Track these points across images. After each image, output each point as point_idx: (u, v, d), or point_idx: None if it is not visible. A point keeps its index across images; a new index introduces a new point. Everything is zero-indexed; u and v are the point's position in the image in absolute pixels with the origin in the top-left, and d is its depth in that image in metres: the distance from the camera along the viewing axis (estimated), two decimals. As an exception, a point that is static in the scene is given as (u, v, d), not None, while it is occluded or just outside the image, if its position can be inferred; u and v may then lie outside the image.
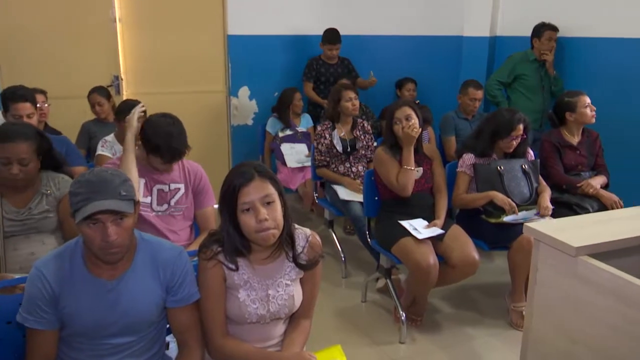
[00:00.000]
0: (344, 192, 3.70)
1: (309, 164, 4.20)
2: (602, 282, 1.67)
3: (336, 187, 3.77)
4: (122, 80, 4.66)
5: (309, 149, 4.44)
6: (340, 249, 3.80)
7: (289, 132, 4.63)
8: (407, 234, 2.90)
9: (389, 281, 3.17)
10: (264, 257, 1.79)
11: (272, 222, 1.68)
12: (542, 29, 4.38)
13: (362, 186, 3.42)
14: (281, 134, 4.62)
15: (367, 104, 4.91)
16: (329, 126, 3.85)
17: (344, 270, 3.76)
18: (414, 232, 2.89)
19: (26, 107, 3.04)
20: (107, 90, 4.08)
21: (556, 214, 3.04)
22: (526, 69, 4.46)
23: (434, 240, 2.92)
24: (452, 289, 3.42)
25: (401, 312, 3.00)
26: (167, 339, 1.94)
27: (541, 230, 1.90)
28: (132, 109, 3.16)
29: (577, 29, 4.44)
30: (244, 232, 1.71)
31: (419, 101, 4.90)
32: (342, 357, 1.83)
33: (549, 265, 1.88)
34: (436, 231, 2.92)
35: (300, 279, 1.86)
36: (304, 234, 1.87)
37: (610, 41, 4.24)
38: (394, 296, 3.10)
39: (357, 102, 3.84)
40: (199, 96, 4.94)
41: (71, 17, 4.41)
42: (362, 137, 3.88)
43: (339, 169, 3.84)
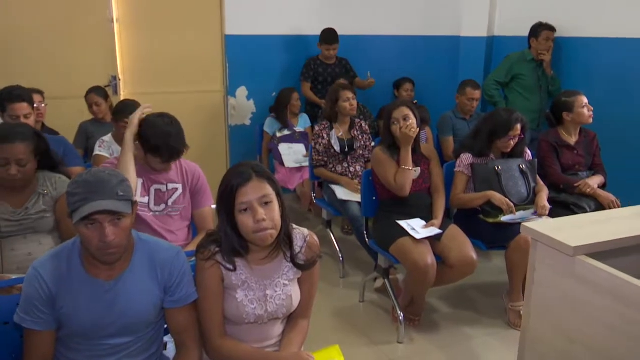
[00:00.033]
0: (342, 192, 3.70)
1: (307, 164, 4.20)
2: (600, 282, 1.67)
3: (334, 187, 3.77)
4: (119, 80, 4.66)
5: (307, 149, 4.44)
6: (338, 249, 3.80)
7: (286, 132, 4.63)
8: (405, 233, 2.90)
9: (387, 281, 3.17)
10: (261, 257, 1.79)
11: (270, 223, 1.68)
12: (539, 29, 4.39)
13: (360, 186, 3.42)
14: (279, 134, 4.62)
15: (365, 104, 4.91)
16: (326, 126, 3.85)
17: (342, 270, 3.76)
18: (411, 232, 2.89)
19: (23, 107, 3.03)
20: (104, 90, 4.07)
21: (554, 214, 3.05)
22: (524, 68, 4.47)
23: (432, 240, 2.92)
24: (450, 288, 3.42)
25: (399, 312, 3.00)
26: (165, 340, 1.95)
27: (539, 230, 1.90)
28: (129, 109, 3.17)
29: (575, 29, 4.45)
30: (242, 233, 1.71)
31: (416, 101, 4.90)
32: (340, 357, 1.83)
33: (546, 265, 1.89)
34: (434, 231, 2.92)
35: (298, 279, 1.86)
36: (301, 234, 1.86)
37: (607, 41, 4.24)
38: (392, 296, 3.10)
39: (354, 102, 3.84)
40: (197, 96, 4.94)
41: (68, 17, 4.41)
42: (360, 137, 3.88)
43: (337, 169, 3.83)
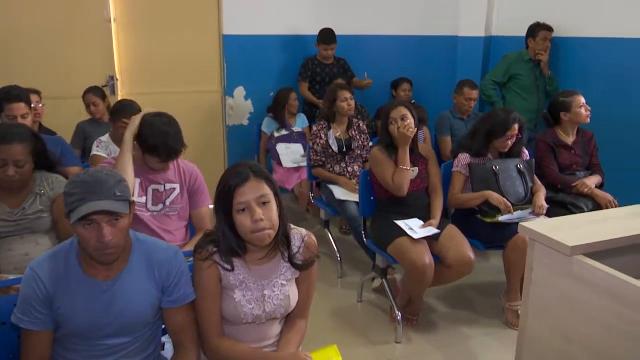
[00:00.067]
0: (339, 192, 3.70)
1: (305, 164, 4.20)
2: (597, 282, 1.67)
3: (332, 187, 3.77)
4: (117, 80, 4.65)
5: (305, 149, 4.44)
6: (336, 249, 3.80)
7: (284, 132, 4.63)
8: (403, 233, 2.90)
9: (384, 281, 3.17)
10: (259, 257, 1.79)
11: (268, 223, 1.68)
12: (537, 29, 4.39)
13: (358, 186, 3.42)
14: (277, 134, 4.61)
15: (363, 104, 4.91)
16: (324, 126, 3.85)
17: (340, 270, 3.76)
18: (409, 232, 2.89)
19: (21, 107, 3.02)
20: (102, 90, 4.06)
21: (551, 214, 3.05)
22: (521, 69, 4.47)
23: (430, 240, 2.92)
24: (447, 288, 3.43)
25: (397, 312, 3.00)
26: (163, 340, 1.94)
27: (536, 229, 1.90)
28: (127, 109, 3.18)
29: (572, 29, 4.46)
30: (240, 233, 1.71)
31: (414, 101, 4.91)
32: (338, 357, 1.83)
33: (544, 264, 1.89)
34: (432, 231, 2.92)
35: (296, 279, 1.86)
36: (299, 234, 1.86)
37: (605, 41, 4.25)
38: (390, 296, 3.10)
39: (352, 102, 3.84)
40: (195, 96, 4.93)
41: (66, 17, 4.40)
42: (358, 137, 3.88)
43: (335, 169, 3.83)
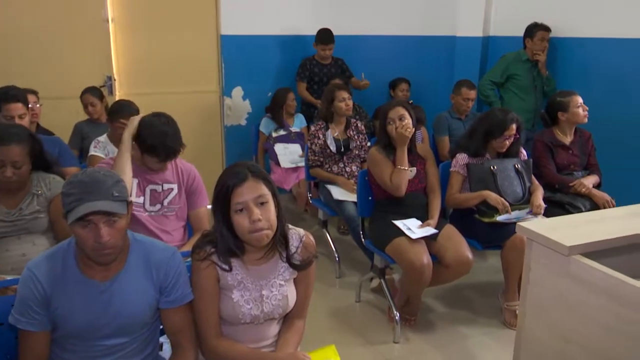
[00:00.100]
0: (337, 192, 3.70)
1: (303, 164, 4.19)
2: (595, 281, 1.68)
3: (330, 187, 3.77)
4: (114, 80, 4.64)
5: (303, 149, 4.44)
6: (334, 249, 3.80)
7: (282, 132, 4.63)
8: (401, 233, 2.90)
9: (382, 281, 3.17)
10: (257, 257, 1.79)
11: (266, 223, 1.68)
12: (534, 29, 4.40)
13: (356, 186, 3.42)
14: (275, 134, 4.61)
15: (361, 104, 4.91)
16: (322, 126, 3.85)
17: (338, 270, 3.76)
18: (407, 232, 2.89)
19: (18, 107, 3.02)
20: (99, 90, 4.06)
21: (549, 213, 3.05)
22: (519, 69, 4.47)
23: (428, 239, 2.92)
24: (445, 288, 3.43)
25: (395, 312, 3.00)
26: (161, 340, 1.94)
27: (534, 229, 1.90)
28: (125, 109, 3.18)
29: (570, 29, 4.46)
30: (238, 233, 1.71)
31: (412, 101, 4.91)
32: (336, 357, 1.83)
33: (541, 264, 1.89)
34: (430, 231, 2.92)
35: (294, 279, 1.86)
36: (297, 234, 1.86)
37: (602, 41, 4.25)
38: (388, 296, 3.10)
39: (350, 102, 3.84)
40: (192, 96, 4.93)
41: (63, 17, 4.39)
42: (356, 137, 3.88)
43: (333, 169, 3.83)
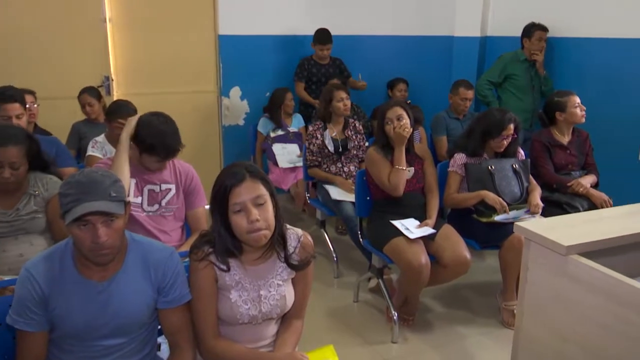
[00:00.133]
0: (335, 192, 3.70)
1: (301, 164, 4.19)
2: (593, 281, 1.68)
3: (328, 187, 3.77)
4: (112, 80, 4.64)
5: (301, 149, 4.44)
6: (332, 249, 3.80)
7: (280, 132, 4.63)
8: (399, 233, 2.90)
9: (381, 281, 3.17)
10: (255, 257, 1.79)
11: (264, 223, 1.68)
12: (532, 29, 4.40)
13: (354, 186, 3.42)
14: (273, 134, 4.61)
15: (359, 104, 4.91)
16: (320, 126, 3.85)
17: (336, 270, 3.76)
18: (405, 232, 2.89)
19: (15, 107, 3.01)
20: (97, 90, 4.05)
21: (546, 213, 3.06)
22: (516, 69, 4.48)
23: (426, 239, 2.93)
24: (443, 288, 3.43)
25: (393, 312, 3.01)
26: (159, 340, 1.94)
27: (532, 229, 1.90)
28: (122, 109, 3.18)
29: (567, 29, 4.47)
30: (236, 233, 1.71)
31: (410, 101, 4.91)
32: (334, 357, 1.83)
33: (539, 264, 1.89)
34: (428, 231, 2.92)
35: (292, 279, 1.86)
36: (295, 234, 1.86)
37: (599, 41, 4.26)
38: (386, 296, 3.10)
39: (348, 102, 3.84)
40: (190, 96, 4.92)
41: (61, 17, 4.38)
42: (354, 137, 3.88)
43: (331, 169, 3.83)
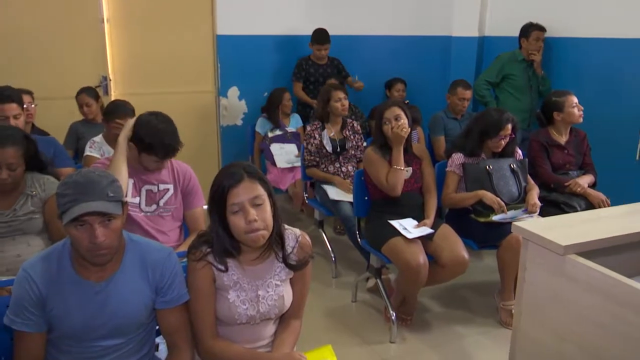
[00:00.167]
0: (333, 192, 3.70)
1: (299, 164, 4.19)
2: (590, 281, 1.68)
3: (326, 187, 3.77)
4: (110, 80, 4.64)
5: (299, 149, 4.44)
6: (330, 249, 3.80)
7: (278, 132, 4.62)
8: (397, 233, 2.91)
9: (379, 281, 3.17)
10: (253, 257, 1.79)
11: (262, 223, 1.68)
12: (529, 29, 4.41)
13: (352, 186, 3.42)
14: (271, 134, 4.61)
15: (357, 104, 4.92)
16: (318, 126, 3.85)
17: (334, 270, 3.76)
18: (403, 232, 2.89)
19: (12, 107, 3.01)
20: (95, 90, 4.05)
21: (544, 213, 3.06)
22: (514, 68, 4.49)
23: (424, 239, 2.93)
24: (441, 288, 3.43)
25: (391, 312, 3.01)
26: (157, 341, 1.94)
27: (529, 229, 1.91)
28: (120, 109, 3.17)
29: (565, 29, 4.48)
30: (234, 233, 1.71)
31: (408, 101, 4.91)
32: (332, 357, 1.83)
33: (537, 264, 1.89)
34: (426, 231, 2.93)
35: (290, 280, 1.86)
36: (293, 234, 1.86)
37: (597, 41, 4.27)
38: (384, 296, 3.10)
39: (346, 102, 3.84)
40: (188, 97, 4.92)
41: (58, 17, 4.38)
42: (352, 137, 3.88)
43: (329, 169, 3.83)
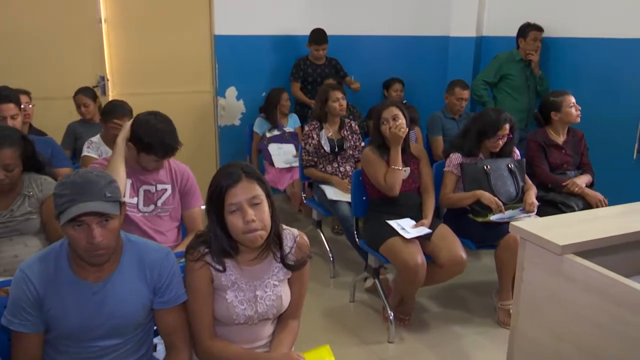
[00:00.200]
0: (332, 192, 3.70)
1: (297, 164, 4.19)
2: (588, 280, 1.68)
3: (324, 187, 3.77)
4: (107, 81, 4.63)
5: (297, 149, 4.44)
6: (328, 249, 3.80)
7: (276, 132, 4.62)
8: (395, 233, 2.91)
9: (377, 281, 3.17)
10: (251, 258, 1.79)
11: (260, 223, 1.68)
12: (527, 29, 4.41)
13: (350, 186, 3.42)
14: (269, 134, 4.61)
15: (355, 104, 4.91)
16: (316, 126, 3.85)
17: (332, 270, 3.76)
18: (401, 232, 2.90)
19: (10, 108, 3.00)
20: (93, 91, 4.04)
21: (542, 213, 3.07)
22: (512, 69, 4.49)
23: (422, 239, 2.93)
24: (439, 288, 3.43)
25: (389, 312, 3.01)
26: (155, 341, 1.94)
27: (527, 229, 1.91)
28: (118, 109, 3.17)
29: (562, 29, 4.48)
30: (232, 233, 1.71)
31: (406, 101, 4.92)
32: (330, 357, 1.83)
33: (535, 263, 1.90)
34: (424, 230, 2.93)
35: (288, 280, 1.86)
36: (291, 234, 1.86)
37: (594, 41, 4.28)
38: (382, 296, 3.10)
39: (344, 102, 3.84)
40: (186, 97, 4.91)
41: (56, 17, 4.37)
42: (350, 137, 3.88)
43: (327, 169, 3.83)
